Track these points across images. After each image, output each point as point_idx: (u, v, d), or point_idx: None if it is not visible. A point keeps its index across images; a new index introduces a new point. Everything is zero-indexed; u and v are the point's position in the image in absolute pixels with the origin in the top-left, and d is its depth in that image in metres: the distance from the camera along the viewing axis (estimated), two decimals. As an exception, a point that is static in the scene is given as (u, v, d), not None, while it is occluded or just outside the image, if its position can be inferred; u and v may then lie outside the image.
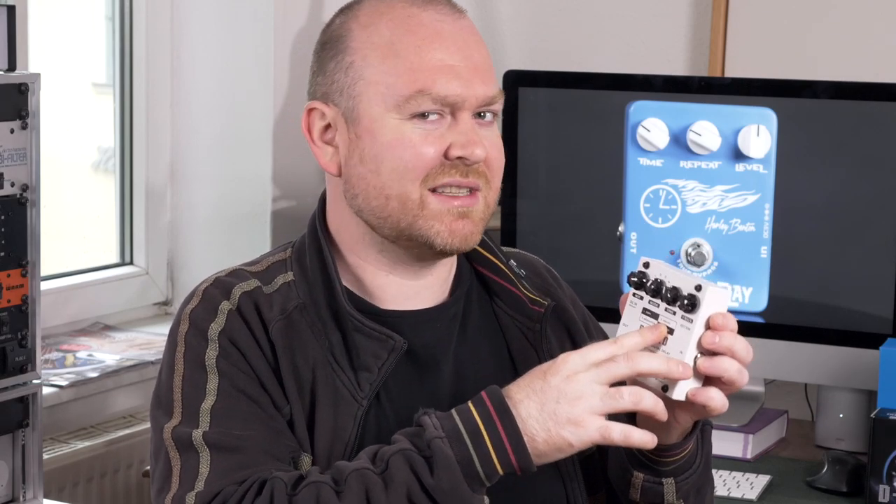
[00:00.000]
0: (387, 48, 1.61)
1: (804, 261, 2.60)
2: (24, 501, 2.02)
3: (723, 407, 1.52)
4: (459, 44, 1.62)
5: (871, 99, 2.54)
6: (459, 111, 1.60)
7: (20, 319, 1.98)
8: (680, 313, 1.50)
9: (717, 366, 1.50)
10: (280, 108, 2.81)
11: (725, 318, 1.50)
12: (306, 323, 1.62)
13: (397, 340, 1.61)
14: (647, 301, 1.53)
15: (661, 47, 3.13)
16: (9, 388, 1.97)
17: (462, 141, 1.59)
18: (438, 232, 1.60)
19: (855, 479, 2.40)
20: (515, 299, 1.71)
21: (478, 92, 1.61)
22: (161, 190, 2.88)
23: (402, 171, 1.59)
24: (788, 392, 2.82)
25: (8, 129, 1.94)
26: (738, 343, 1.51)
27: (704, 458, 1.66)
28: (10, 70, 1.96)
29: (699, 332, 1.49)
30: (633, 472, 1.63)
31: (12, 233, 1.96)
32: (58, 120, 2.68)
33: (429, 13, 1.62)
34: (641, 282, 1.54)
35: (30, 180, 1.98)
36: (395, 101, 1.59)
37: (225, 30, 2.82)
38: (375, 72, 1.61)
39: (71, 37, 2.86)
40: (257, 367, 1.59)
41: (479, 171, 1.61)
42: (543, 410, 1.48)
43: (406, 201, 1.60)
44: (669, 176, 2.66)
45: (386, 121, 1.60)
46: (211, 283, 1.65)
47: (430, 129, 1.60)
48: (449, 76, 1.59)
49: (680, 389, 1.50)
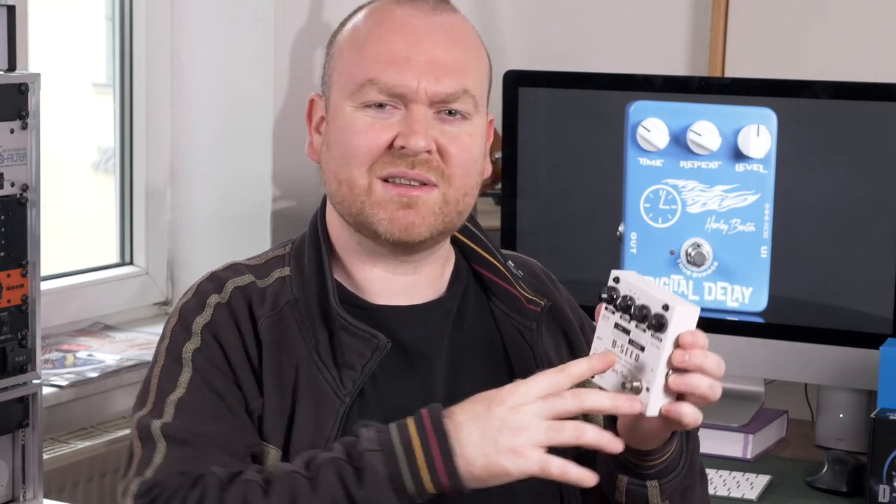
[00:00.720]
0: (355, 40, 1.65)
1: (804, 261, 2.60)
2: (24, 501, 2.02)
3: (696, 421, 1.52)
4: (422, 37, 1.63)
5: (871, 99, 2.54)
6: (411, 103, 1.62)
7: (20, 319, 1.98)
8: (650, 332, 1.50)
9: (687, 383, 1.50)
10: (280, 108, 2.81)
11: (694, 335, 1.50)
12: (295, 320, 1.64)
13: (381, 339, 1.62)
14: (619, 316, 1.53)
15: (661, 47, 3.13)
16: (9, 388, 1.97)
17: (405, 131, 1.61)
18: (381, 220, 1.62)
19: (855, 479, 2.40)
20: (512, 298, 1.72)
21: (428, 86, 1.62)
22: (161, 190, 2.88)
23: (349, 157, 1.63)
24: (788, 392, 2.81)
25: (8, 129, 1.94)
26: (707, 360, 1.50)
27: (689, 458, 1.66)
28: (10, 70, 1.96)
29: (668, 351, 1.49)
30: (617, 474, 1.63)
31: (12, 233, 1.96)
32: (58, 120, 2.68)
33: (404, 8, 1.65)
34: (612, 297, 1.54)
35: (30, 180, 1.98)
36: (350, 90, 1.63)
37: (225, 30, 2.82)
38: (342, 62, 1.66)
39: (71, 37, 2.85)
40: (235, 363, 1.62)
41: (430, 165, 1.62)
42: (485, 437, 1.47)
43: (353, 186, 1.63)
44: (669, 176, 2.66)
45: (343, 108, 1.64)
46: (206, 278, 1.69)
47: (379, 118, 1.62)
48: (399, 68, 1.61)
49: (653, 406, 1.50)
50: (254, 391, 1.61)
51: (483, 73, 1.69)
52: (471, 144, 1.65)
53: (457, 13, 1.68)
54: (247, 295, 1.66)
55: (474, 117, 1.66)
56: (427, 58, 1.62)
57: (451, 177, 1.64)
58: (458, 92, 1.63)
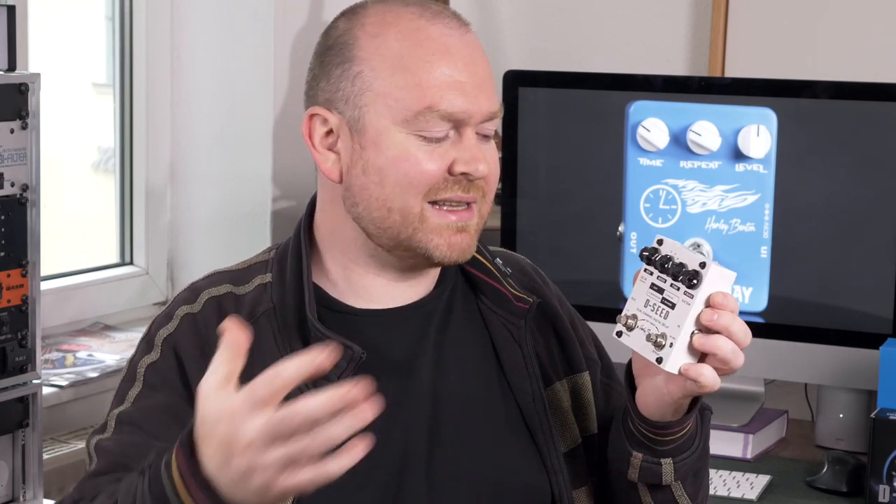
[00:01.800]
0: (396, 61, 1.61)
1: (804, 261, 2.60)
2: (24, 501, 2.02)
3: (714, 384, 1.52)
4: (466, 59, 1.63)
5: (871, 99, 2.54)
6: (464, 127, 1.62)
7: (20, 319, 1.98)
8: (683, 289, 1.52)
9: (711, 343, 1.51)
10: (280, 108, 2.81)
11: (726, 297, 1.52)
12: (271, 329, 1.63)
13: (356, 351, 1.60)
14: (656, 276, 1.55)
15: (661, 47, 3.13)
16: (9, 388, 1.97)
17: (466, 157, 1.61)
18: (437, 245, 1.62)
19: (855, 479, 2.40)
20: (500, 296, 1.72)
21: (482, 107, 1.63)
22: (161, 190, 2.88)
23: (406, 186, 1.61)
24: (788, 392, 2.82)
25: (8, 129, 1.94)
26: (735, 324, 1.52)
27: (703, 441, 1.67)
28: (10, 70, 1.96)
29: (698, 309, 1.51)
30: (632, 451, 1.64)
31: (12, 233, 1.96)
32: (58, 120, 2.68)
33: (437, 27, 1.63)
34: (651, 257, 1.56)
35: (30, 180, 1.98)
36: (404, 116, 1.60)
37: (225, 30, 2.82)
38: (384, 84, 1.61)
39: (71, 37, 2.86)
40: (192, 375, 1.59)
41: (478, 186, 1.64)
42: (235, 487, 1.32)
43: (408, 215, 1.61)
44: (669, 176, 2.66)
45: (392, 134, 1.61)
46: (186, 288, 1.69)
47: (434, 146, 1.61)
48: (456, 92, 1.61)
49: (673, 362, 1.52)
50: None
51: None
52: (497, 161, 1.68)
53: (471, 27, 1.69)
54: (221, 305, 1.65)
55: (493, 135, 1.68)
56: (475, 80, 1.63)
57: (487, 194, 1.66)
58: (499, 110, 1.66)
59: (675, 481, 1.64)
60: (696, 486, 1.69)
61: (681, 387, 1.55)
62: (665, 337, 1.52)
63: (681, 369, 1.52)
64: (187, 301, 1.66)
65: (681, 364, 1.52)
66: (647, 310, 1.55)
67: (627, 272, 2.71)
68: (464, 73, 1.62)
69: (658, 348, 1.52)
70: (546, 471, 1.67)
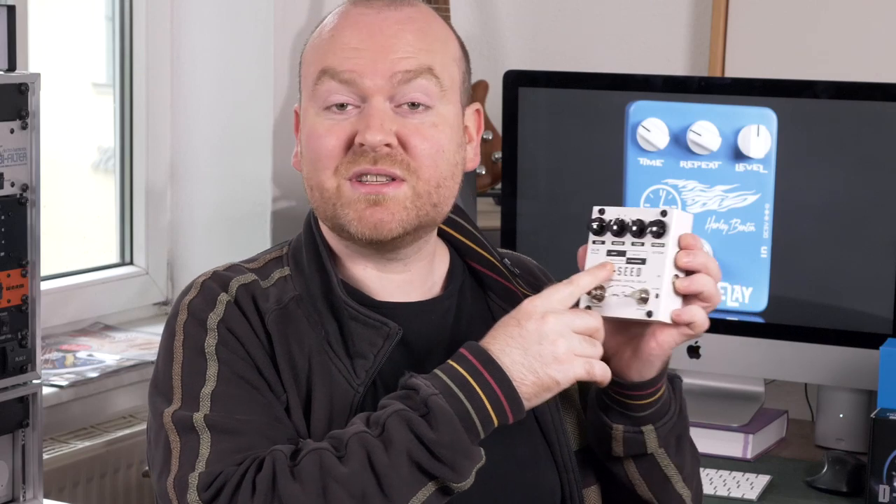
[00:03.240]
0: (315, 43, 1.66)
1: (804, 261, 2.60)
2: (24, 501, 2.02)
3: (706, 323, 1.56)
4: (372, 30, 1.62)
5: (871, 99, 2.54)
6: (368, 97, 1.61)
7: (20, 319, 1.98)
8: (650, 241, 1.55)
9: (696, 283, 1.55)
10: (280, 108, 2.81)
11: (695, 237, 1.55)
12: (302, 313, 1.64)
13: (392, 327, 1.62)
14: (611, 243, 1.58)
15: (661, 47, 3.13)
16: (9, 388, 1.97)
17: (362, 127, 1.60)
18: (351, 220, 1.61)
19: (855, 479, 2.40)
20: (509, 293, 1.72)
21: (379, 67, 1.60)
22: (161, 190, 2.88)
23: (315, 162, 1.63)
24: (788, 392, 2.81)
25: (8, 129, 1.94)
26: (710, 261, 1.56)
27: (679, 406, 1.69)
28: (10, 70, 1.96)
29: (673, 253, 1.54)
30: (612, 425, 1.65)
31: (12, 233, 1.96)
32: (58, 120, 2.68)
33: (359, 7, 1.65)
34: (602, 225, 1.59)
35: (30, 180, 1.98)
36: (310, 88, 1.64)
37: (225, 30, 2.82)
38: (305, 66, 1.67)
39: (71, 37, 2.86)
40: (255, 356, 1.60)
41: (393, 159, 1.60)
42: (528, 354, 1.52)
43: (323, 191, 1.63)
44: (669, 176, 2.66)
45: (308, 115, 1.65)
46: (209, 277, 1.67)
47: (337, 120, 1.62)
48: (348, 53, 1.61)
49: (664, 310, 1.53)
50: (277, 384, 1.60)
51: (450, 59, 1.66)
52: (435, 134, 1.62)
53: (415, 5, 1.67)
54: (251, 292, 1.65)
55: (439, 106, 1.63)
56: (375, 45, 1.61)
57: (418, 169, 1.61)
58: (419, 69, 1.61)
59: (658, 448, 1.66)
60: (682, 457, 1.70)
61: (673, 335, 1.58)
62: (647, 291, 1.53)
63: (672, 316, 1.54)
64: (222, 289, 1.65)
65: (671, 310, 1.54)
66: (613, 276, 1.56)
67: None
68: (363, 40, 1.61)
69: (644, 303, 1.53)
70: (557, 469, 1.68)
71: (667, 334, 1.57)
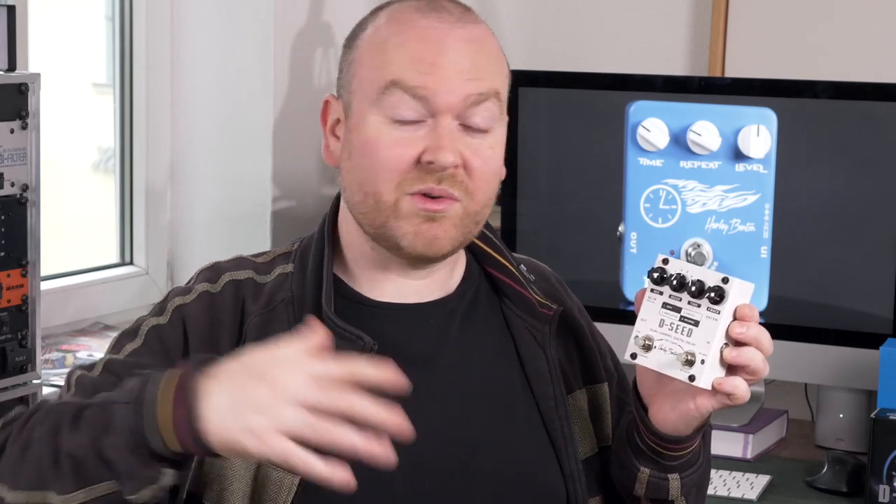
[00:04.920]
0: (378, 47, 1.63)
1: (804, 261, 2.60)
2: (24, 501, 2.02)
3: (746, 395, 1.53)
4: (445, 47, 1.61)
5: (871, 99, 2.54)
6: (438, 115, 1.59)
7: (20, 319, 1.98)
8: (706, 305, 1.52)
9: (744, 356, 1.52)
10: (280, 108, 2.81)
11: (752, 309, 1.53)
12: (287, 319, 1.63)
13: (367, 341, 1.60)
14: (668, 295, 1.55)
15: (661, 47, 3.13)
16: (9, 388, 1.97)
17: (433, 145, 1.59)
18: (405, 234, 1.60)
19: (855, 479, 2.40)
20: (525, 301, 1.71)
21: (453, 87, 1.59)
22: (161, 190, 2.88)
23: (377, 171, 1.60)
24: (788, 392, 2.82)
25: (8, 129, 1.94)
26: (763, 334, 1.53)
27: (706, 456, 1.68)
28: (10, 70, 1.96)
29: (726, 323, 1.52)
30: (639, 467, 1.64)
31: (12, 233, 1.96)
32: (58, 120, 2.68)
33: (428, 19, 1.63)
34: (662, 277, 1.56)
35: (30, 180, 1.98)
36: (375, 95, 1.61)
37: (225, 30, 2.82)
38: (364, 68, 1.63)
39: (71, 37, 2.86)
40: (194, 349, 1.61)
41: (454, 179, 1.60)
42: (232, 409, 1.36)
43: (379, 201, 1.60)
44: (669, 176, 2.66)
45: (368, 117, 1.61)
46: (208, 266, 1.70)
47: (406, 133, 1.60)
48: (422, 68, 1.59)
49: (706, 379, 1.52)
50: None
51: (506, 80, 1.67)
52: (493, 157, 1.63)
53: (480, 24, 1.67)
54: (240, 290, 1.65)
55: (497, 128, 1.63)
56: (447, 62, 1.60)
57: (474, 191, 1.62)
58: (489, 92, 1.61)
59: (680, 496, 1.65)
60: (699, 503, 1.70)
61: (711, 401, 1.55)
62: (694, 354, 1.52)
63: (713, 384, 1.52)
64: (209, 280, 1.67)
65: (713, 378, 1.52)
66: (663, 330, 1.54)
67: (627, 272, 2.71)
68: (438, 55, 1.60)
69: (688, 366, 1.52)
70: (564, 476, 1.67)
71: (706, 399, 1.55)
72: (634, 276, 2.70)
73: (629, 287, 2.71)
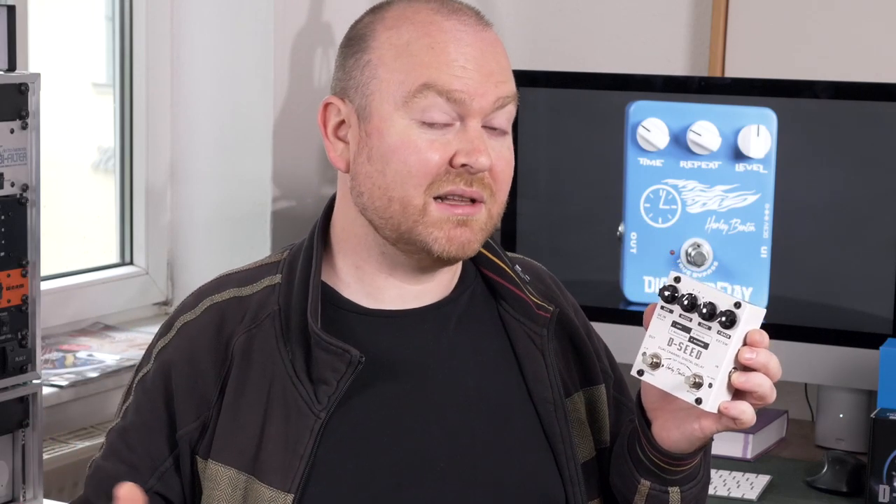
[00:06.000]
0: (403, 48, 1.61)
1: (804, 261, 2.60)
2: (24, 501, 2.02)
3: (752, 420, 1.53)
4: (474, 50, 1.61)
5: (871, 99, 2.55)
6: (468, 117, 1.59)
7: (20, 319, 1.98)
8: (716, 328, 1.52)
9: (752, 381, 1.52)
10: (280, 108, 2.81)
11: (762, 335, 1.52)
12: (274, 333, 1.63)
13: (353, 355, 1.59)
14: (678, 314, 1.54)
15: (661, 47, 3.13)
16: (9, 388, 1.97)
17: (467, 148, 1.59)
18: (437, 238, 1.60)
19: (855, 479, 2.40)
20: (521, 303, 1.70)
21: (486, 92, 1.60)
22: (161, 190, 2.88)
23: (406, 176, 1.59)
24: (788, 392, 2.81)
25: (8, 129, 1.94)
26: (772, 360, 1.53)
27: (706, 470, 1.68)
28: (10, 70, 1.96)
29: (736, 348, 1.51)
30: (640, 479, 1.63)
31: (12, 233, 1.96)
32: (58, 120, 2.68)
33: (451, 22, 1.62)
34: (674, 296, 1.55)
35: (30, 180, 1.98)
36: (403, 98, 1.59)
37: (225, 30, 2.82)
38: (388, 70, 1.61)
39: (71, 37, 2.86)
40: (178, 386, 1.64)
41: (483, 182, 1.60)
42: None
43: (408, 206, 1.59)
44: (669, 176, 2.66)
45: (394, 120, 1.60)
46: (192, 293, 1.70)
47: (437, 136, 1.59)
48: (457, 72, 1.59)
49: (712, 402, 1.51)
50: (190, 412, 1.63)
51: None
52: (511, 159, 1.64)
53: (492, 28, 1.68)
54: (222, 311, 1.66)
55: (510, 130, 1.65)
56: (478, 66, 1.60)
57: (497, 193, 1.62)
58: (512, 95, 1.63)
59: None
60: None
61: (716, 424, 1.55)
62: (702, 377, 1.51)
63: (720, 408, 1.52)
64: (188, 307, 1.68)
65: (719, 402, 1.52)
66: (672, 349, 1.54)
67: (627, 272, 2.71)
68: (469, 60, 1.60)
69: (696, 388, 1.52)
70: (563, 481, 1.66)
71: (711, 422, 1.55)
72: (634, 276, 2.70)
73: (629, 287, 2.71)
